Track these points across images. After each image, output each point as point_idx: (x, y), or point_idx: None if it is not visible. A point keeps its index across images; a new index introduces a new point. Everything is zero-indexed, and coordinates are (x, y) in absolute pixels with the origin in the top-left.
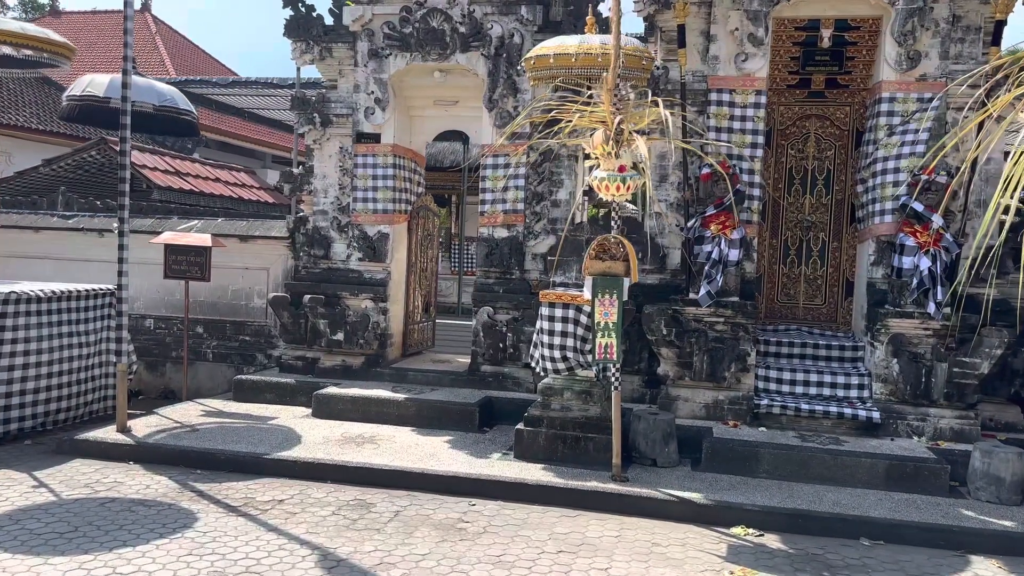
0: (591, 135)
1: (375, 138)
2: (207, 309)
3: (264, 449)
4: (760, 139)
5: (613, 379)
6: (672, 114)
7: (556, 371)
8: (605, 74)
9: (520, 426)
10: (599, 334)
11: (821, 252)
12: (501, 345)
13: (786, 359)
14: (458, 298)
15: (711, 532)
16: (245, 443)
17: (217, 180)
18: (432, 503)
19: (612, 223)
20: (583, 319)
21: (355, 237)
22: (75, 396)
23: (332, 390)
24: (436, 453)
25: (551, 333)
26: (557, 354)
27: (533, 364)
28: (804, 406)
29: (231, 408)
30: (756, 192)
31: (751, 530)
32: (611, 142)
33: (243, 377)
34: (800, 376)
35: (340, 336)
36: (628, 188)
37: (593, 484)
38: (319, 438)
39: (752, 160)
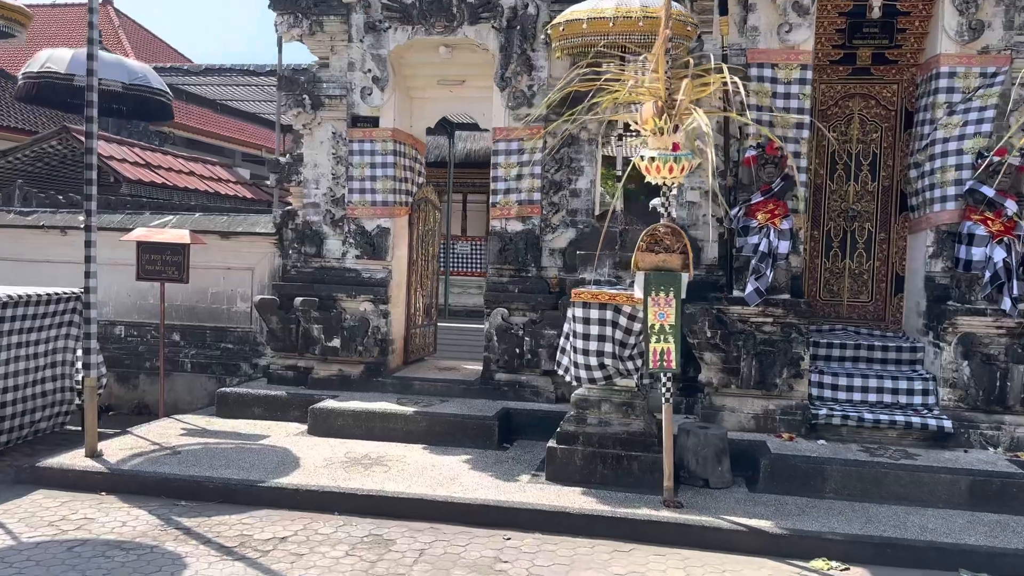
0: (636, 109)
1: (372, 122)
2: (185, 314)
3: (258, 475)
4: (806, 119)
5: (665, 390)
6: (732, 86)
7: (591, 380)
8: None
9: (552, 443)
10: (653, 338)
11: (867, 244)
12: (517, 351)
13: (837, 362)
14: (445, 299)
15: (789, 567)
16: (235, 468)
17: (191, 174)
18: (460, 538)
19: (663, 210)
20: (622, 321)
21: (351, 232)
22: (34, 412)
23: (330, 404)
24: (456, 476)
25: (586, 337)
26: (593, 361)
27: (562, 372)
28: (867, 415)
29: (215, 425)
30: (803, 178)
31: (834, 563)
32: (664, 116)
33: (227, 390)
34: (858, 382)
35: (336, 343)
36: (682, 169)
37: (645, 512)
38: (320, 460)
39: (798, 142)
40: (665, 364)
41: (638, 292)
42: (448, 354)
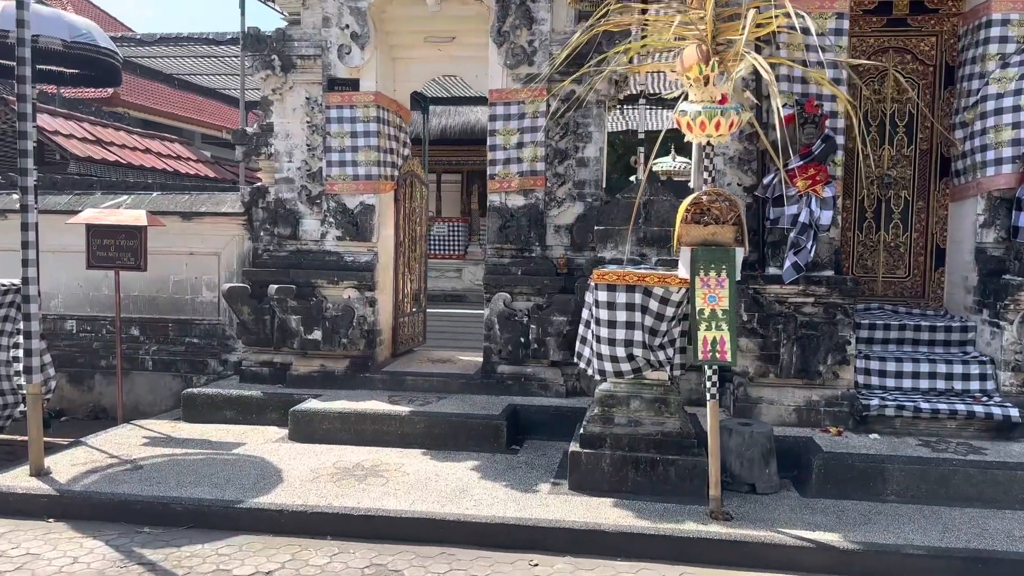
0: (674, 56)
1: (352, 85)
2: (144, 306)
3: (235, 493)
4: (843, 74)
5: (710, 385)
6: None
7: (618, 374)
8: None
9: (575, 447)
10: (703, 326)
11: (904, 214)
12: (522, 340)
13: (880, 345)
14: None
15: None
16: (208, 485)
17: (147, 151)
18: (479, 565)
19: (704, 174)
20: (653, 305)
21: (331, 211)
22: None
23: (313, 404)
24: (465, 487)
25: (612, 325)
26: (620, 352)
27: (583, 365)
28: (924, 405)
29: (182, 432)
30: (840, 140)
31: None
32: (711, 63)
33: (194, 391)
34: (908, 367)
35: (317, 335)
36: (731, 125)
37: (693, 527)
38: (306, 472)
39: (833, 100)
40: (718, 355)
41: (683, 271)
42: (435, 343)
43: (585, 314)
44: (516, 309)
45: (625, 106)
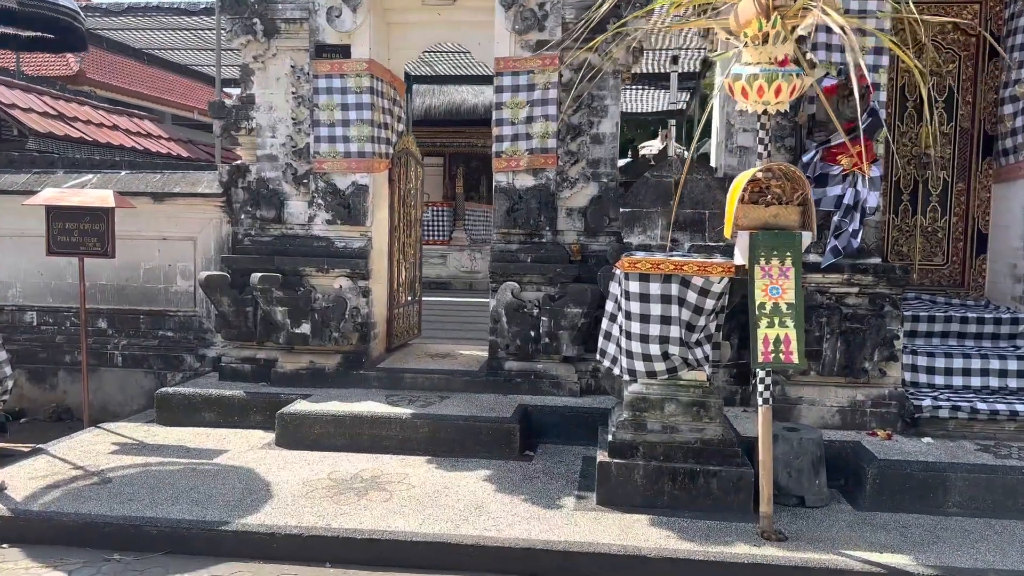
0: (726, 11)
1: (343, 51)
2: (113, 296)
3: (218, 512)
4: (885, 42)
5: (763, 388)
6: None
7: (650, 374)
8: None
9: (603, 456)
10: (763, 322)
11: (942, 197)
12: (532, 333)
13: (923, 339)
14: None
15: None
16: (186, 502)
17: (115, 128)
18: None
19: (762, 147)
20: (691, 297)
21: (319, 191)
22: None
23: (303, 406)
24: (480, 503)
25: (644, 319)
26: (654, 349)
27: (607, 364)
28: (981, 405)
29: (156, 437)
30: (882, 115)
31: None
32: (773, 18)
33: (169, 390)
34: (958, 363)
35: (305, 328)
36: (792, 91)
37: (744, 550)
38: (297, 485)
39: (876, 71)
40: (782, 357)
41: (739, 258)
42: (427, 334)
43: (610, 307)
44: (525, 300)
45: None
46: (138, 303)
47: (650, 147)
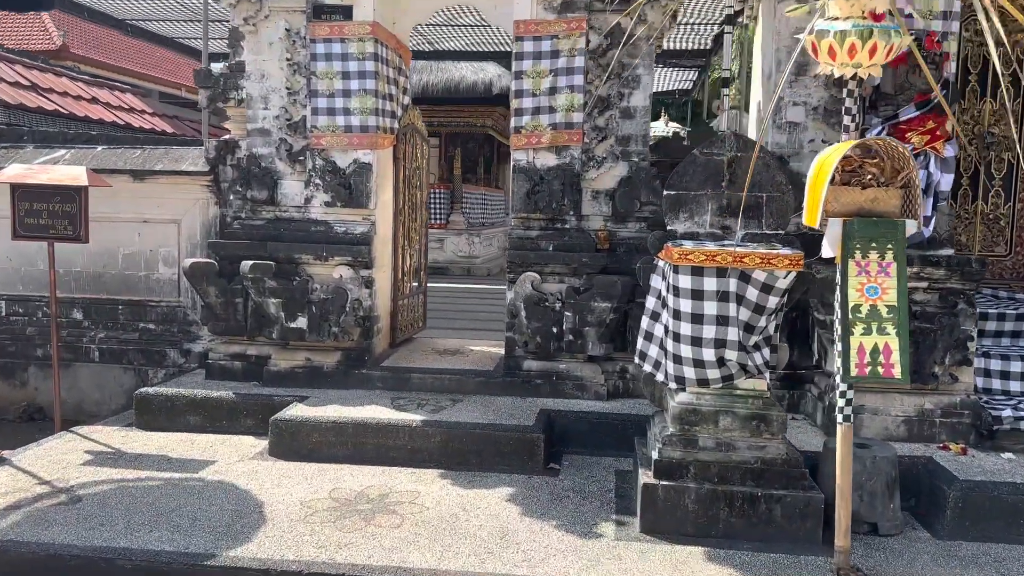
0: None
1: (344, 12)
2: (88, 284)
3: (204, 541)
4: (955, 5)
5: (844, 403)
6: None
7: (702, 381)
8: None
9: (647, 477)
10: (859, 327)
11: (1007, 181)
12: (555, 330)
13: (991, 339)
14: None
15: None
16: (166, 527)
17: (94, 101)
18: None
19: (848, 119)
20: (751, 294)
21: (317, 170)
22: None
23: (299, 411)
24: (506, 529)
25: (697, 319)
26: (708, 354)
27: (648, 368)
28: None
29: (134, 443)
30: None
31: None
32: None
33: (150, 391)
34: None
35: (302, 322)
36: (888, 51)
37: None
38: (295, 506)
39: (946, 38)
40: (881, 370)
41: (829, 250)
42: (432, 324)
43: (651, 303)
44: (546, 293)
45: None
46: (116, 292)
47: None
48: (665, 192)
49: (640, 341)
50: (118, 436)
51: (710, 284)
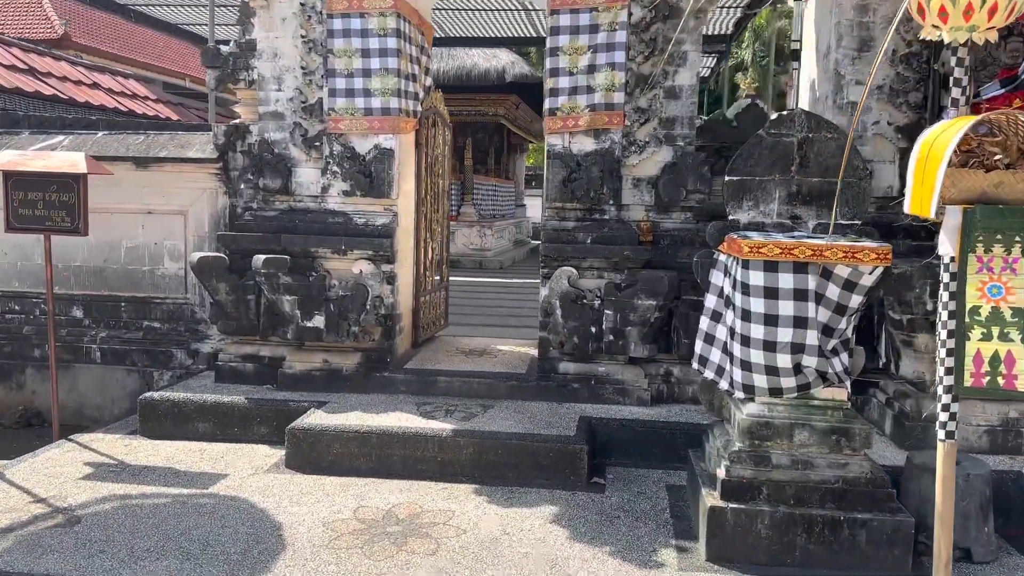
0: None
1: None
2: (89, 279)
3: (217, 572)
4: None
5: (947, 418)
6: None
7: (775, 391)
8: None
9: (714, 499)
10: (977, 332)
11: None
12: (594, 329)
13: None
14: None
15: None
16: (175, 555)
17: (95, 86)
18: None
19: (955, 92)
20: (831, 292)
21: (335, 156)
22: None
23: (318, 419)
24: (554, 558)
25: (771, 321)
26: (784, 360)
27: (709, 375)
28: None
29: (139, 454)
30: None
31: None
32: None
33: (155, 396)
34: None
35: (319, 321)
36: (1010, 11)
37: None
38: (317, 527)
39: None
40: (1002, 381)
41: (945, 245)
42: (452, 321)
43: (711, 302)
44: (584, 289)
45: None
46: (119, 288)
47: None
48: (727, 178)
49: (699, 344)
50: (121, 445)
51: (786, 281)
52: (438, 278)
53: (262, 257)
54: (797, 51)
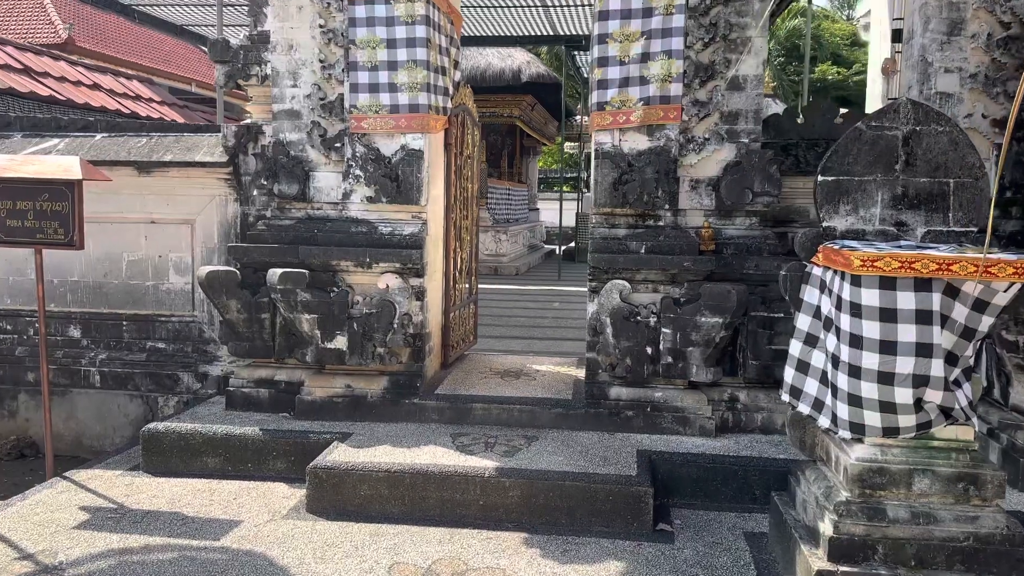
0: None
1: None
2: (87, 296)
3: None
4: None
5: None
6: None
7: (890, 430)
8: None
9: (818, 560)
10: None
11: None
12: (649, 350)
13: None
14: None
15: None
16: None
17: (96, 87)
18: None
19: None
20: (959, 313)
21: (357, 158)
22: None
23: (343, 455)
24: None
25: (887, 348)
26: (902, 395)
27: (805, 409)
28: None
29: (141, 495)
30: None
31: None
32: None
33: (160, 428)
34: None
35: (341, 342)
36: None
37: None
38: None
39: None
40: None
41: None
42: (479, 334)
43: (804, 323)
44: (638, 305)
45: None
46: (120, 305)
47: None
48: (819, 178)
49: (790, 372)
50: (122, 485)
51: (906, 301)
52: (467, 290)
53: (278, 271)
54: (899, 31)
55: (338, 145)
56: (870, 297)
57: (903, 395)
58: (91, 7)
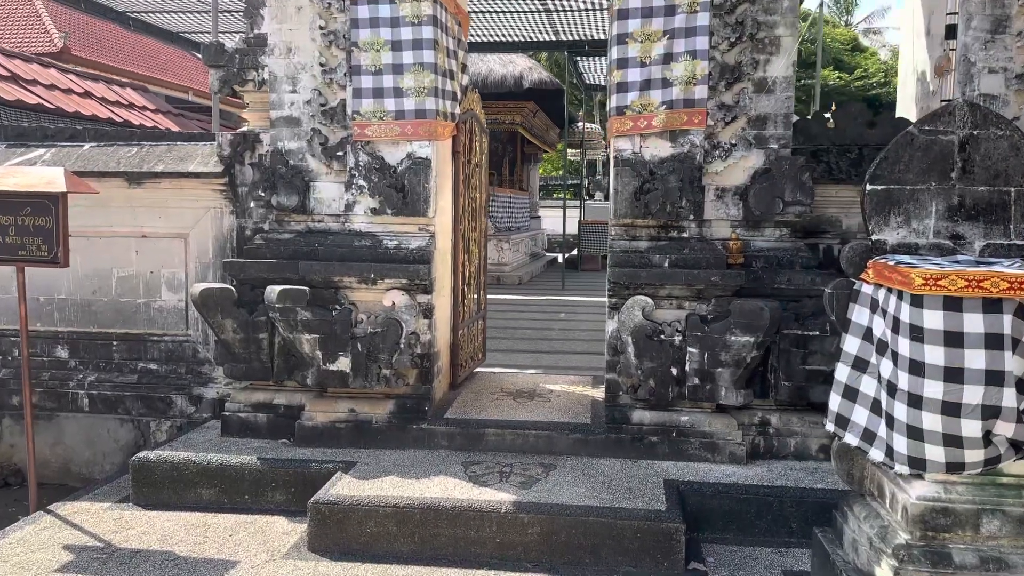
0: None
1: None
2: (75, 315)
3: None
4: None
5: None
6: None
7: (955, 466)
8: None
9: None
10: None
11: None
12: (674, 371)
13: None
14: None
15: None
16: None
17: (88, 95)
18: None
19: None
20: None
21: (361, 168)
22: None
23: (347, 488)
24: None
25: (951, 376)
26: (969, 428)
27: (853, 441)
28: None
29: (130, 531)
30: None
31: None
32: None
33: (151, 458)
34: None
35: (344, 363)
36: None
37: None
38: None
39: None
40: None
41: None
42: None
43: (852, 346)
44: (661, 322)
45: None
46: (110, 324)
47: None
48: (868, 187)
49: (836, 400)
50: (109, 519)
51: (974, 323)
52: (476, 305)
53: (276, 288)
54: (953, 26)
55: (340, 154)
56: (933, 319)
57: (970, 428)
58: (87, 16)
